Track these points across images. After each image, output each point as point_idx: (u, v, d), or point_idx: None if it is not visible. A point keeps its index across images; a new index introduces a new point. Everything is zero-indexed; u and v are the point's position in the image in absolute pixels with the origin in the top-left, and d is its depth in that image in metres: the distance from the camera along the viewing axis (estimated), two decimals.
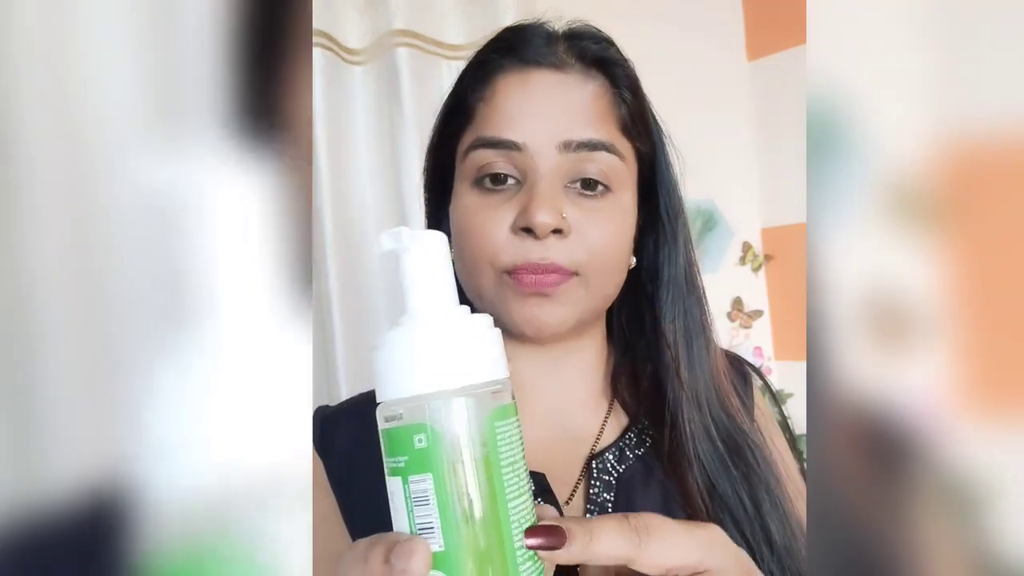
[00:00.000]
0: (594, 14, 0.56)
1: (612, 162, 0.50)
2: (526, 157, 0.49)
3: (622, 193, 0.52)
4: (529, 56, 0.52)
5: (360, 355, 1.27)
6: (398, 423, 0.29)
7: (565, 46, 0.52)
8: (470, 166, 0.51)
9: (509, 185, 0.50)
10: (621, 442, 0.54)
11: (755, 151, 1.72)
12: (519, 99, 0.51)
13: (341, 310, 1.26)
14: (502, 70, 0.52)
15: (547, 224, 0.47)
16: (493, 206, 0.50)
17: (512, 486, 0.29)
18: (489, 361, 0.31)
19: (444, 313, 0.31)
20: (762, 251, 1.72)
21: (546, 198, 0.48)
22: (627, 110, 0.53)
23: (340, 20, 1.29)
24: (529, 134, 0.49)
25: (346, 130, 1.29)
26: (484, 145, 0.50)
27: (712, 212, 1.67)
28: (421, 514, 0.28)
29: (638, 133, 0.54)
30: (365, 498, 0.51)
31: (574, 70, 0.52)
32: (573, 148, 0.49)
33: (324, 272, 1.26)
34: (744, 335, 1.70)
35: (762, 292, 1.73)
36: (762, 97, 1.71)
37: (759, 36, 1.71)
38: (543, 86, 0.51)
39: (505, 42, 0.54)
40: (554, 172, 0.49)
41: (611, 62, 0.53)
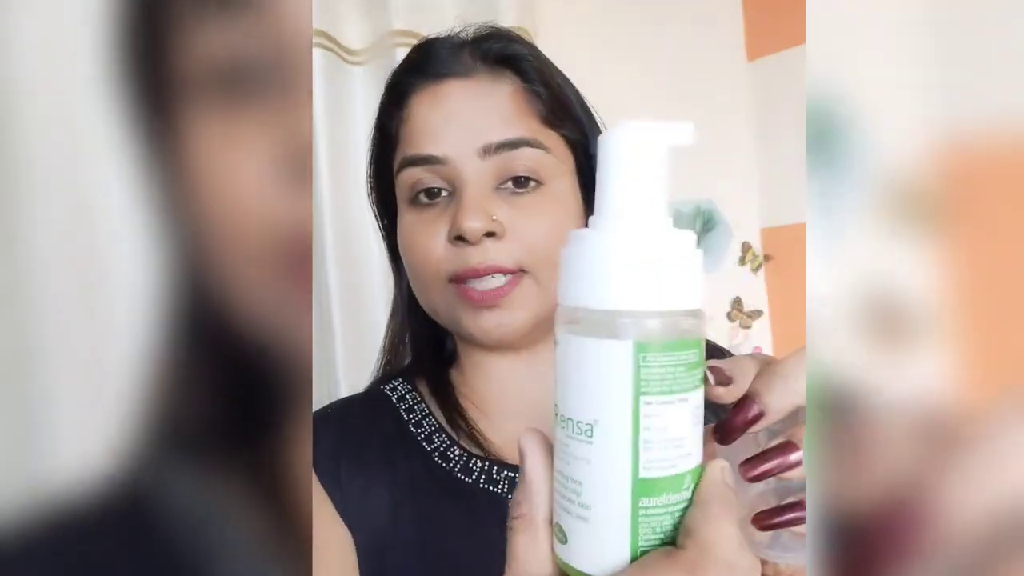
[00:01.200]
0: (594, 15, 0.56)
1: (536, 155, 0.51)
2: (450, 168, 0.50)
3: (555, 184, 0.52)
4: (436, 70, 0.53)
5: (360, 355, 1.27)
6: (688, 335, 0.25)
7: (470, 52, 0.54)
8: (403, 186, 0.53)
9: (443, 198, 0.52)
10: None
11: (755, 151, 1.72)
12: (433, 113, 0.52)
13: (341, 310, 1.26)
14: (413, 89, 0.54)
15: (476, 228, 0.48)
16: (429, 220, 0.51)
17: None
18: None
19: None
20: (762, 251, 1.72)
21: (473, 203, 0.49)
22: (544, 102, 0.53)
23: (340, 20, 1.29)
24: (448, 146, 0.50)
25: (346, 130, 1.29)
26: (410, 164, 0.52)
27: (712, 212, 1.67)
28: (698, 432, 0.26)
29: (561, 122, 0.54)
30: (358, 496, 0.52)
31: (481, 74, 0.53)
32: (494, 150, 0.50)
33: (324, 272, 1.26)
34: (744, 335, 1.70)
35: (762, 292, 1.73)
36: (762, 97, 1.70)
37: (759, 36, 1.71)
38: (454, 96, 0.52)
39: (412, 62, 0.55)
40: (480, 177, 0.50)
41: (517, 58, 0.54)
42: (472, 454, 0.53)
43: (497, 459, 0.52)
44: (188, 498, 0.31)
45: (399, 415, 0.57)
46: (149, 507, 0.31)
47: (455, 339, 0.60)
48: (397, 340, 0.62)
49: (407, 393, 0.59)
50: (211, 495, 0.31)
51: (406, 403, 0.58)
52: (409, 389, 0.59)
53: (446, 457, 0.53)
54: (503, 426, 0.55)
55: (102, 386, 0.56)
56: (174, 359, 0.31)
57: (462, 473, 0.52)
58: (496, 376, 0.56)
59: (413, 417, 0.56)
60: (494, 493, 0.51)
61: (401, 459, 0.53)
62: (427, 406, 0.57)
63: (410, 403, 0.58)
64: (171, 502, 0.31)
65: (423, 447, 0.54)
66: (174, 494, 0.31)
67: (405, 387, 0.59)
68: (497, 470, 0.52)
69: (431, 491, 0.51)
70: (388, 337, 0.63)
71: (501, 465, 0.52)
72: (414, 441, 0.54)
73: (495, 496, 0.51)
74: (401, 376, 0.61)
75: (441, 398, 0.56)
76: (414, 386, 0.59)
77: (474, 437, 0.53)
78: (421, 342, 0.61)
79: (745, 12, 1.73)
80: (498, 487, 0.51)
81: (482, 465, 0.52)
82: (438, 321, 0.55)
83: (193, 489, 0.31)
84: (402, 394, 0.59)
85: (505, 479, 0.51)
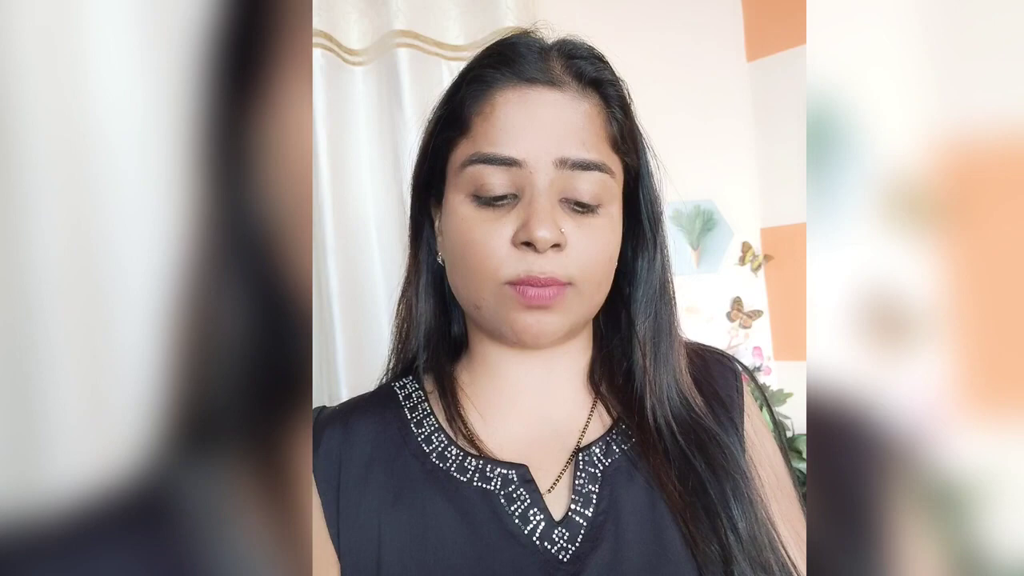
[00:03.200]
0: (594, 15, 0.56)
1: (603, 180, 0.52)
2: (525, 173, 0.51)
3: (611, 207, 0.54)
4: (526, 72, 0.53)
5: (360, 355, 1.27)
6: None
7: (562, 64, 0.54)
8: (467, 180, 0.53)
9: (507, 201, 0.52)
10: (608, 437, 0.55)
11: (755, 151, 1.72)
12: (518, 116, 0.52)
13: (341, 310, 1.26)
14: (500, 86, 0.53)
15: (548, 239, 0.49)
16: (492, 219, 0.52)
17: None
18: None
19: None
20: (762, 251, 1.72)
21: (546, 214, 0.50)
22: (618, 127, 0.55)
23: (340, 20, 1.29)
24: (528, 151, 0.51)
25: (346, 130, 1.29)
26: (483, 161, 0.52)
27: (712, 212, 1.67)
28: None
29: (627, 149, 0.56)
30: (354, 500, 0.52)
31: (571, 88, 0.53)
32: (568, 166, 0.51)
33: (324, 272, 1.26)
34: (744, 335, 1.70)
35: (762, 292, 1.73)
36: (762, 97, 1.71)
37: (759, 36, 1.71)
38: (541, 104, 0.52)
39: (501, 57, 0.55)
40: (550, 187, 0.51)
41: (605, 83, 0.55)
42: (468, 453, 0.54)
43: (491, 458, 0.53)
44: (205, 494, 0.31)
45: (403, 414, 0.58)
46: (169, 502, 0.31)
47: (467, 334, 0.61)
48: (407, 323, 0.62)
49: (413, 392, 0.60)
50: (224, 492, 0.31)
51: (411, 402, 0.59)
52: (416, 388, 0.60)
53: (443, 457, 0.54)
54: (502, 427, 0.56)
55: (118, 377, 0.56)
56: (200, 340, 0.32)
57: (457, 472, 0.53)
58: (506, 375, 0.58)
59: (416, 417, 0.57)
60: (487, 490, 0.52)
61: (400, 461, 0.54)
62: (429, 405, 0.58)
63: (415, 402, 0.59)
64: (189, 497, 0.31)
65: (422, 448, 0.55)
66: (193, 489, 0.31)
67: (413, 385, 0.60)
68: (491, 468, 0.53)
69: (427, 490, 0.52)
70: (398, 317, 0.63)
71: (495, 463, 0.53)
72: (414, 442, 0.55)
73: (488, 492, 0.52)
74: (411, 373, 0.62)
75: (444, 399, 0.57)
76: (420, 384, 0.60)
77: (471, 440, 0.54)
78: (429, 328, 0.61)
79: (745, 12, 1.73)
80: (491, 484, 0.52)
81: (476, 463, 0.53)
82: (475, 314, 0.55)
83: (210, 485, 0.31)
84: (409, 392, 0.60)
85: (498, 476, 0.52)
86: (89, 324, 0.65)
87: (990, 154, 0.29)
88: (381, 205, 1.32)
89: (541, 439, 0.56)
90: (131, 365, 0.54)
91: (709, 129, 1.65)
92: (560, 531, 0.50)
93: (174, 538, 0.30)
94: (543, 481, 0.53)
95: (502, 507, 0.51)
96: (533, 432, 0.56)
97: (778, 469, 0.58)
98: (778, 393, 1.57)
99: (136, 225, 0.31)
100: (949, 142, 0.30)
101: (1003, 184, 0.29)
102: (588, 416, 0.57)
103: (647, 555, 0.49)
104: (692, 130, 1.63)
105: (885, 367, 0.32)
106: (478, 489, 0.52)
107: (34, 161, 0.53)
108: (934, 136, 0.30)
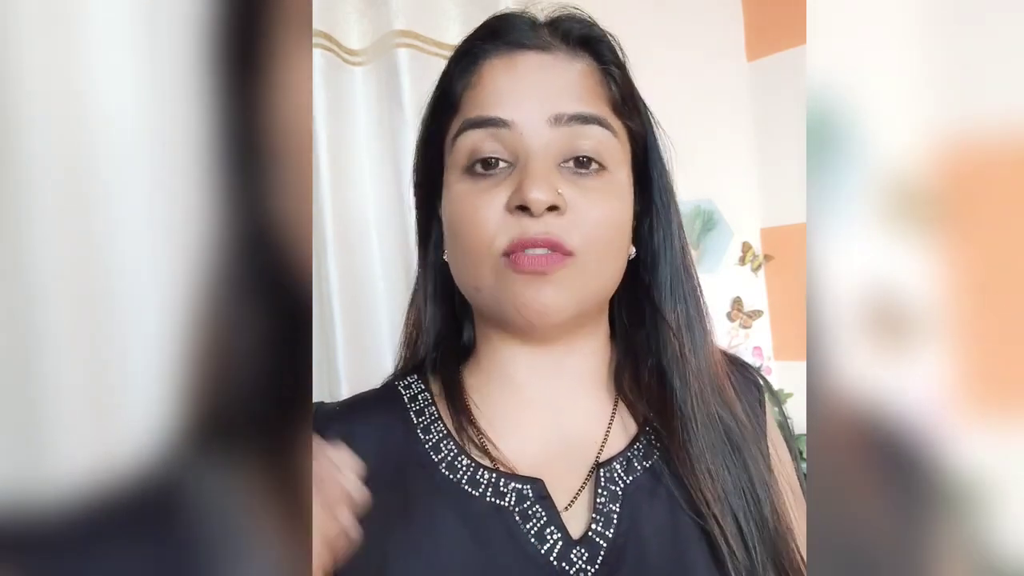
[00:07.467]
0: (594, 15, 0.56)
1: (605, 137, 0.50)
2: (516, 135, 0.48)
3: (617, 171, 0.51)
4: (514, 39, 0.51)
5: (360, 354, 1.27)
6: None
7: (549, 30, 0.52)
8: (459, 152, 0.50)
9: (501, 168, 0.49)
10: (629, 452, 0.52)
11: (755, 151, 1.72)
12: (506, 79, 0.50)
13: (341, 310, 1.26)
14: (487, 55, 0.52)
15: (542, 200, 0.46)
16: (485, 189, 0.49)
17: None
18: None
19: None
20: (762, 251, 1.72)
21: (540, 174, 0.47)
22: (617, 88, 0.52)
23: (340, 20, 1.29)
24: (518, 111, 0.48)
25: (346, 131, 1.29)
26: (472, 126, 0.49)
27: (712, 212, 1.67)
28: None
29: (628, 112, 0.53)
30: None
31: (560, 51, 0.51)
32: (564, 122, 0.48)
33: (324, 272, 1.26)
34: (744, 335, 1.70)
35: (762, 292, 1.73)
36: (762, 97, 1.71)
37: (759, 36, 1.71)
38: (530, 67, 0.50)
39: (489, 28, 0.53)
40: (546, 149, 0.48)
41: (595, 40, 0.53)
42: (480, 464, 0.50)
43: (505, 471, 0.50)
44: (213, 492, 0.31)
45: (408, 416, 0.54)
46: (177, 500, 0.31)
47: (476, 333, 0.57)
48: (416, 329, 0.59)
49: (419, 393, 0.56)
50: (231, 492, 0.31)
51: (417, 404, 0.55)
52: (422, 388, 0.56)
53: (453, 468, 0.50)
54: (512, 435, 0.52)
55: (127, 375, 0.55)
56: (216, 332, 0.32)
57: (469, 485, 0.49)
58: (515, 375, 0.54)
59: (422, 421, 0.54)
60: (501, 507, 0.48)
61: (406, 471, 0.51)
62: (437, 409, 0.54)
63: (421, 404, 0.55)
64: (197, 495, 0.31)
65: (430, 457, 0.51)
66: (200, 487, 0.31)
67: (419, 386, 0.56)
68: (504, 482, 0.49)
69: (436, 504, 0.49)
70: (407, 325, 0.60)
71: (508, 477, 0.49)
72: (421, 449, 0.52)
73: (502, 509, 0.48)
74: (417, 372, 0.58)
75: (451, 402, 0.53)
76: (427, 385, 0.56)
77: (483, 447, 0.51)
78: (439, 335, 0.58)
79: (745, 12, 1.73)
80: (505, 500, 0.49)
81: (489, 477, 0.49)
82: (476, 298, 0.52)
83: (217, 484, 0.31)
84: (414, 394, 0.56)
85: (512, 491, 0.49)
86: (96, 325, 0.65)
87: (990, 154, 0.29)
88: (381, 205, 1.31)
89: (556, 450, 0.52)
90: (140, 364, 0.54)
91: (709, 129, 1.65)
92: (579, 551, 0.47)
93: (181, 535, 0.30)
94: (560, 497, 0.49)
95: (517, 525, 0.47)
96: (546, 441, 0.52)
97: (792, 481, 0.56)
98: (778, 393, 1.57)
99: (141, 228, 0.31)
100: (949, 142, 0.30)
101: (1003, 184, 0.29)
102: (608, 426, 0.53)
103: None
104: (692, 130, 1.63)
105: (885, 367, 0.32)
106: (491, 505, 0.48)
107: (36, 160, 0.53)
108: (934, 136, 0.30)
